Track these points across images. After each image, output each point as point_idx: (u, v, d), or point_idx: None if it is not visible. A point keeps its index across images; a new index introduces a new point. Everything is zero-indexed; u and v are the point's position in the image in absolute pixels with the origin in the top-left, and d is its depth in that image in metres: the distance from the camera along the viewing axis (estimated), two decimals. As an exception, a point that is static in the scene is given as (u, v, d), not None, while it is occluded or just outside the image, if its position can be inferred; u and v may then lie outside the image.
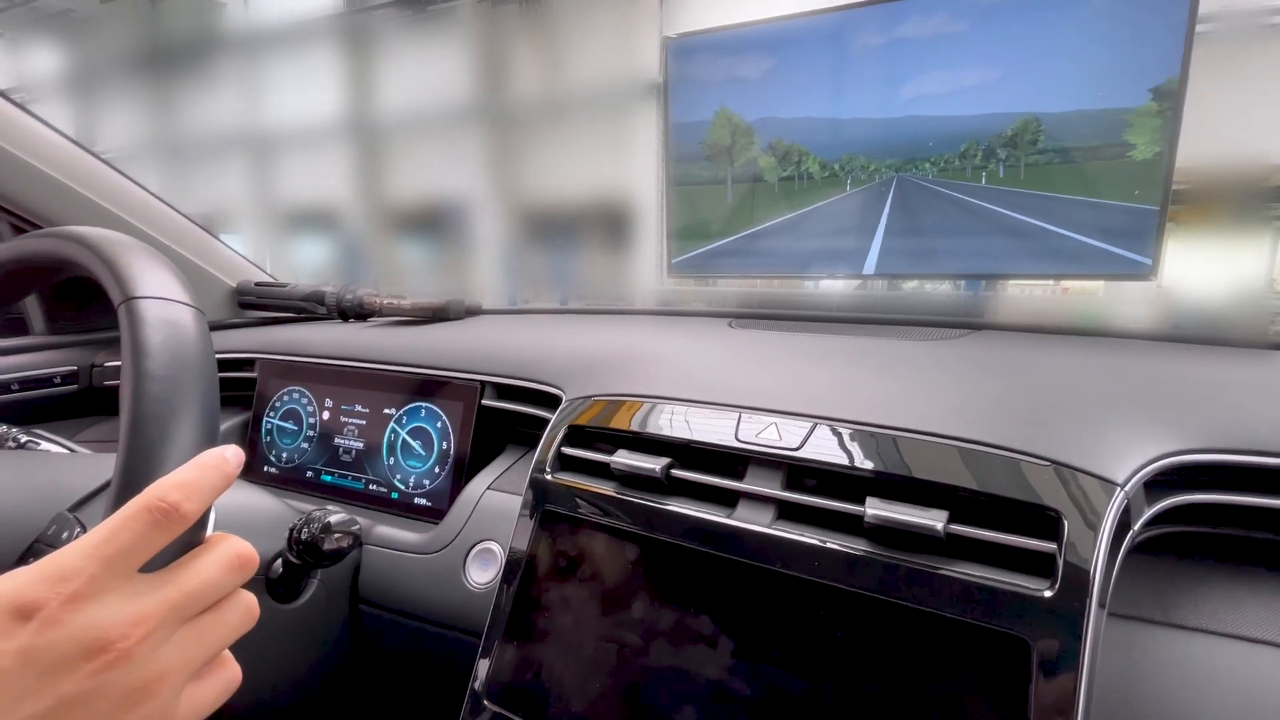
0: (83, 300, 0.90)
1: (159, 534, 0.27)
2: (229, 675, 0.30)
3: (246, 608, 0.30)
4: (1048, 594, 0.33)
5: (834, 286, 0.87)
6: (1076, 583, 0.32)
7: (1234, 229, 0.69)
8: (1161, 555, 0.40)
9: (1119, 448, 0.38)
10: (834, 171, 0.78)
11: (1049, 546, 0.34)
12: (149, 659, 0.26)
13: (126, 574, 0.26)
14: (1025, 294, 0.77)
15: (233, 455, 0.30)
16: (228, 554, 0.29)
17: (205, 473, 0.29)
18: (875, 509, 0.37)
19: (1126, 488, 0.36)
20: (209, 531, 0.30)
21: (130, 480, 0.29)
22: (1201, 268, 0.68)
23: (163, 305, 0.33)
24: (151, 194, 0.91)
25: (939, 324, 0.71)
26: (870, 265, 0.76)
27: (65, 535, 0.43)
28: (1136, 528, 0.36)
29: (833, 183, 0.78)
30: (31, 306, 0.88)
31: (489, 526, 0.57)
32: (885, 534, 0.38)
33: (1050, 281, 0.77)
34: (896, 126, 0.75)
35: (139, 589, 0.26)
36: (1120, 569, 0.35)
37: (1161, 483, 0.38)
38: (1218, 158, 0.68)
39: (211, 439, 0.32)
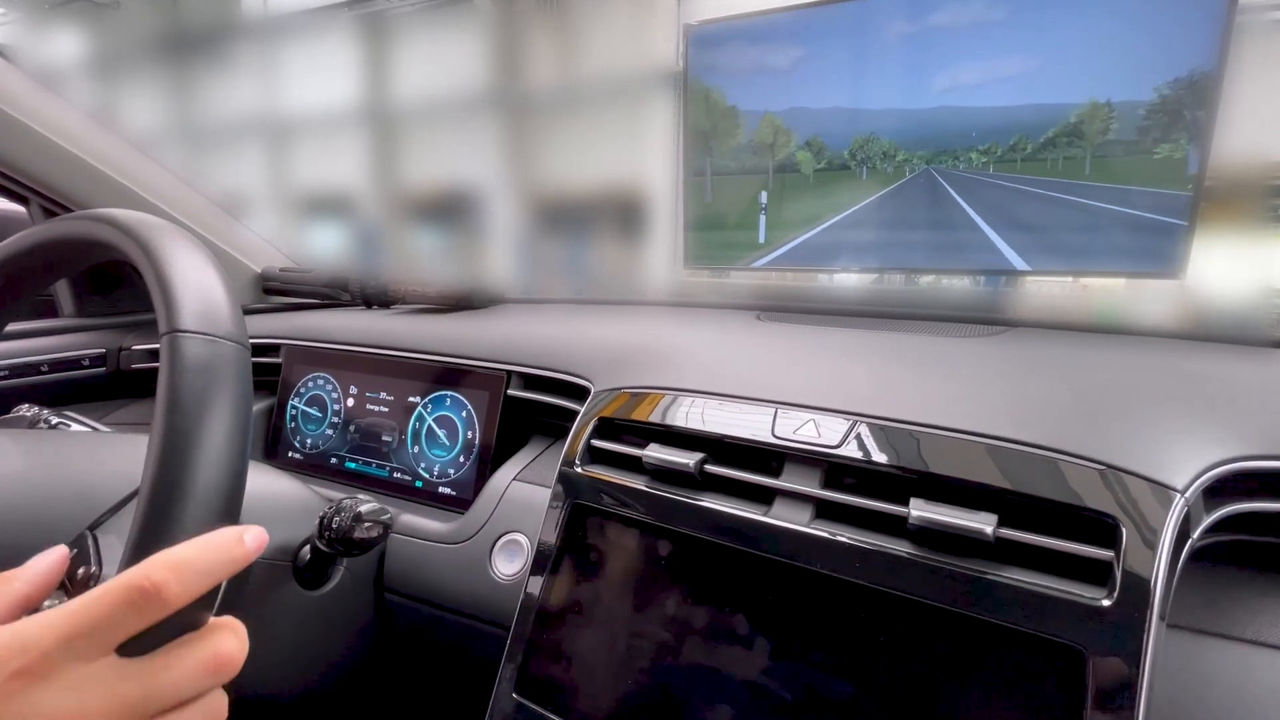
0: (112, 283, 0.91)
1: (134, 616, 0.24)
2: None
3: (214, 714, 0.26)
4: (1106, 603, 0.32)
5: (851, 280, 0.85)
6: (1137, 593, 0.31)
7: (1263, 224, 0.66)
8: (1213, 563, 0.39)
9: (1176, 452, 0.37)
10: (902, 162, 0.76)
11: (1106, 554, 0.33)
12: None
13: (87, 653, 0.23)
14: (1055, 291, 0.75)
15: (251, 540, 0.27)
16: (207, 652, 0.26)
17: (208, 554, 0.26)
18: (920, 510, 0.36)
19: (1187, 495, 0.34)
20: (214, 610, 0.28)
21: (142, 545, 0.27)
22: (1240, 265, 0.66)
23: (205, 345, 0.31)
24: (177, 177, 0.91)
25: (971, 320, 0.69)
26: (1016, 261, 0.72)
27: (80, 570, 0.40)
28: (1195, 536, 0.35)
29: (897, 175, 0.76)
30: (61, 289, 0.89)
31: (515, 518, 0.56)
32: (930, 536, 0.37)
33: (1071, 279, 0.74)
34: (936, 116, 0.73)
35: (91, 678, 0.23)
36: (1177, 578, 0.34)
37: (1218, 489, 0.37)
38: (1246, 152, 0.65)
39: (233, 506, 0.30)
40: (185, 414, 0.29)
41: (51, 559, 0.32)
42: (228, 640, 0.26)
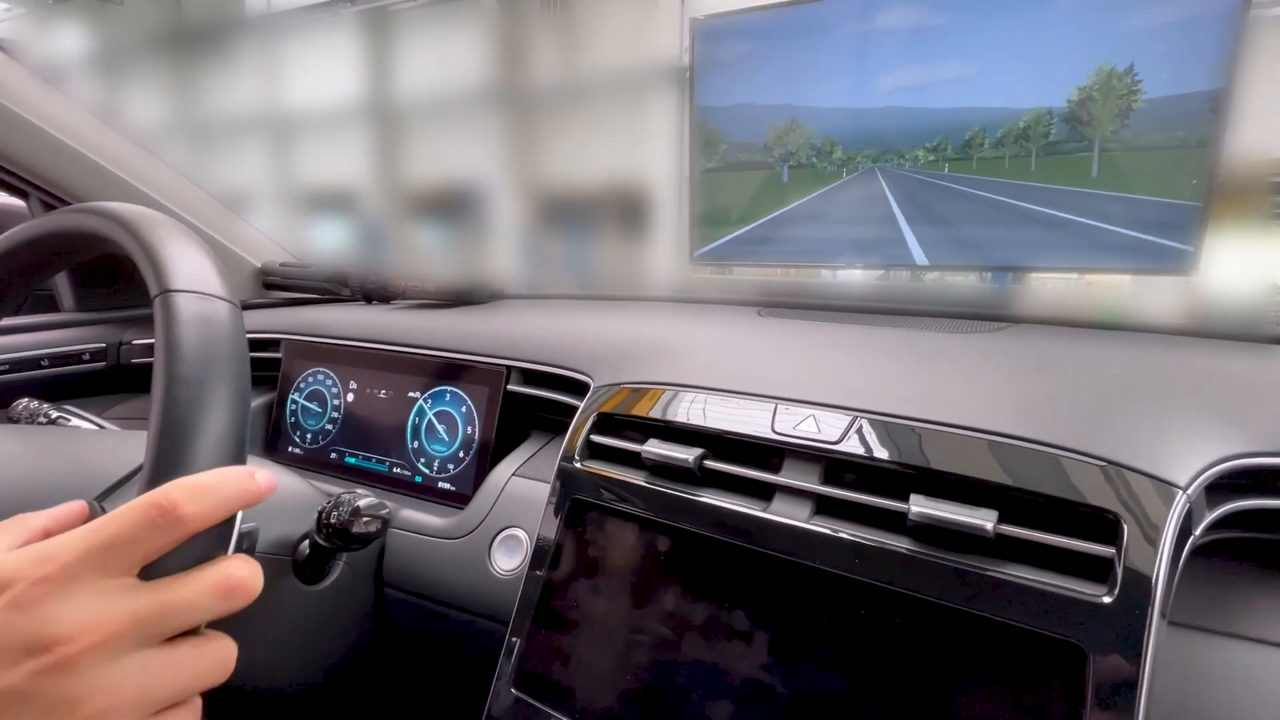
0: (112, 278, 0.91)
1: (154, 535, 0.25)
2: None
3: (223, 655, 0.27)
4: (1106, 600, 0.31)
5: (858, 276, 0.85)
6: (1138, 590, 0.31)
7: (1271, 221, 0.66)
8: (1215, 560, 0.39)
9: (1178, 448, 0.36)
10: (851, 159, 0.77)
11: (1107, 551, 0.32)
12: (94, 673, 0.23)
13: (108, 568, 0.24)
14: (1059, 287, 0.75)
15: (264, 479, 0.28)
16: (219, 575, 0.26)
17: (223, 481, 0.27)
18: (920, 506, 0.36)
19: (1189, 491, 0.34)
20: (229, 552, 0.28)
21: (154, 480, 0.28)
22: (1244, 262, 0.66)
23: (198, 301, 0.32)
24: (179, 172, 0.91)
25: (973, 316, 0.69)
26: (919, 256, 0.74)
27: None
28: (1197, 533, 0.35)
29: (852, 168, 0.77)
30: (61, 284, 0.89)
31: (515, 513, 0.56)
32: (930, 532, 0.36)
33: (1075, 275, 0.75)
34: (902, 116, 0.73)
35: (109, 591, 0.24)
36: (1179, 575, 0.34)
37: (1220, 486, 0.37)
38: (1247, 150, 0.65)
39: (240, 448, 0.31)
40: (186, 361, 0.30)
41: (72, 507, 0.33)
42: (240, 567, 0.27)
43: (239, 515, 0.28)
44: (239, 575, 0.27)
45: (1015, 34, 0.66)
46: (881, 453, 0.40)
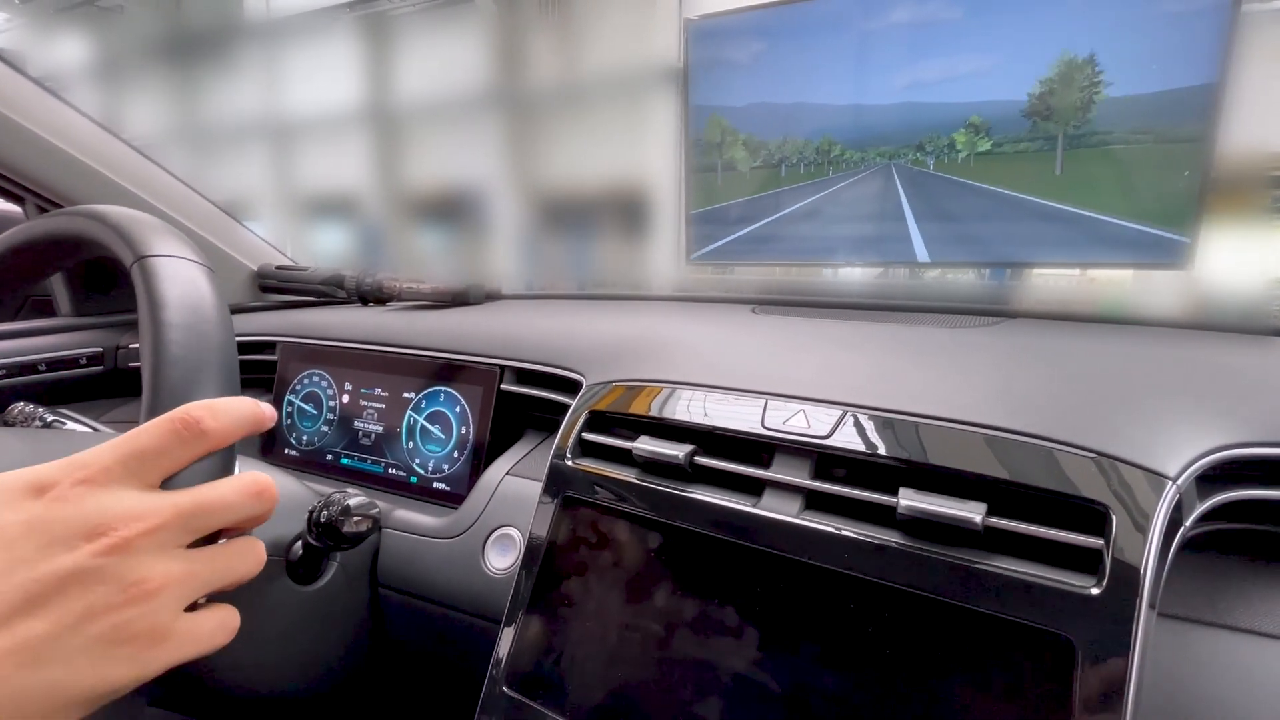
0: (108, 283, 0.91)
1: (180, 447, 0.27)
2: (229, 618, 0.29)
3: (255, 552, 0.30)
4: (1095, 591, 0.31)
5: (854, 273, 0.85)
6: (1126, 581, 0.31)
7: (1266, 214, 0.66)
8: (1207, 552, 0.38)
9: (1168, 439, 0.36)
10: (857, 156, 0.76)
11: (1096, 542, 0.32)
12: (148, 558, 0.25)
13: (140, 474, 0.26)
14: (1054, 282, 0.75)
15: (268, 409, 0.30)
16: (246, 479, 0.29)
17: (236, 404, 0.29)
18: (909, 500, 0.36)
19: (1179, 482, 0.34)
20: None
21: (154, 409, 0.30)
22: (1240, 254, 0.65)
23: (174, 262, 0.33)
24: (175, 177, 0.91)
25: (968, 312, 0.68)
26: (921, 253, 0.74)
27: None
28: (1188, 524, 0.34)
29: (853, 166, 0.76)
30: (58, 288, 0.89)
31: (508, 512, 0.56)
32: (919, 526, 0.36)
33: (1076, 270, 0.75)
34: (911, 110, 0.73)
35: (147, 492, 0.26)
36: (1169, 567, 0.33)
37: (1212, 477, 0.36)
38: (1246, 141, 0.64)
39: (234, 381, 0.32)
40: (171, 308, 0.31)
41: None
42: (261, 476, 0.29)
43: (236, 451, 0.30)
44: (264, 479, 0.29)
45: (1030, 26, 0.66)
46: (871, 447, 0.40)
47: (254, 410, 0.29)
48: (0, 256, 0.41)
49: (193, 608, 0.28)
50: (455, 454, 0.66)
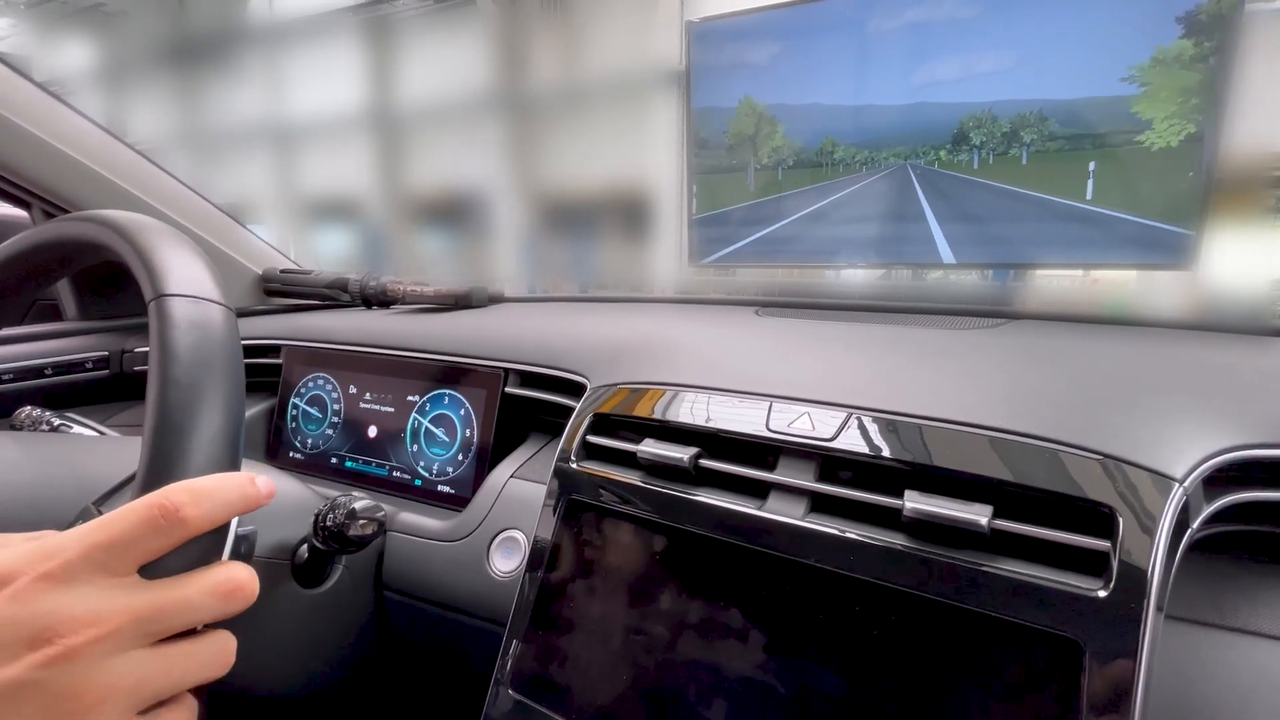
0: (114, 287, 0.92)
1: (154, 536, 0.25)
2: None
3: (222, 654, 0.27)
4: (1102, 594, 0.31)
5: (857, 274, 0.84)
6: (1133, 584, 0.31)
7: (1271, 214, 0.65)
8: (1215, 554, 0.38)
9: (1175, 441, 0.36)
10: (866, 158, 0.76)
11: (1103, 545, 0.32)
12: (93, 667, 0.23)
13: (109, 566, 0.25)
14: (1059, 284, 0.74)
15: (263, 484, 0.28)
16: (218, 578, 0.27)
17: (223, 485, 0.27)
18: (914, 502, 0.36)
19: (1185, 484, 0.34)
20: (224, 557, 0.29)
21: (149, 483, 0.28)
22: (1243, 255, 0.65)
23: (192, 305, 0.32)
24: (180, 181, 0.92)
25: (972, 313, 0.68)
26: (946, 254, 0.73)
27: None
28: (1195, 526, 0.34)
29: (866, 167, 0.76)
30: (64, 293, 0.89)
31: (513, 515, 0.56)
32: (925, 528, 0.36)
33: (1081, 271, 0.74)
34: (912, 113, 0.72)
35: (109, 589, 0.24)
36: (1176, 569, 0.33)
37: (1219, 479, 0.36)
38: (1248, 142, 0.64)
39: (234, 452, 0.31)
40: (180, 363, 0.30)
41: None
42: (240, 571, 0.28)
43: (234, 521, 0.29)
44: (239, 578, 0.27)
45: (1048, 25, 0.65)
46: (876, 449, 0.40)
47: (245, 491, 0.28)
48: (11, 259, 0.41)
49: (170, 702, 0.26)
50: (459, 457, 0.66)
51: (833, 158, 0.78)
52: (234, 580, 0.27)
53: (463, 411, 0.66)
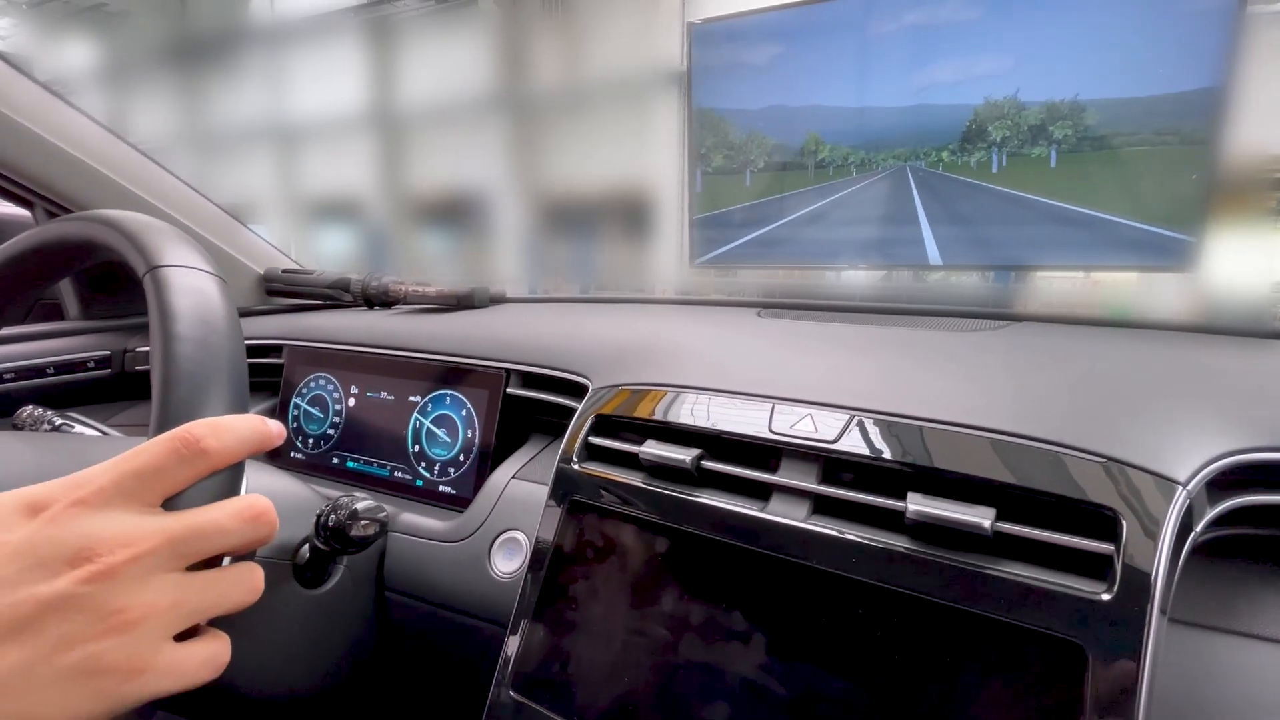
0: (116, 287, 0.92)
1: (180, 467, 0.26)
2: (218, 650, 0.28)
3: (251, 580, 0.29)
4: (1105, 597, 0.31)
5: (859, 276, 0.85)
6: (1137, 587, 0.31)
7: (1273, 217, 0.65)
8: (1218, 558, 0.38)
9: (1179, 444, 0.36)
10: (864, 159, 0.76)
11: (1106, 548, 0.32)
12: (132, 586, 0.24)
13: (137, 496, 0.26)
14: (1062, 286, 0.74)
15: (275, 427, 0.30)
16: (244, 503, 0.28)
17: (239, 422, 0.28)
18: (917, 505, 0.36)
19: (1189, 487, 0.34)
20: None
21: (163, 424, 0.29)
22: (1244, 258, 0.65)
23: (187, 273, 0.33)
24: (182, 181, 0.92)
25: (974, 315, 0.68)
26: (933, 255, 0.74)
27: None
28: (1198, 529, 0.34)
29: (865, 169, 0.76)
30: (66, 293, 0.89)
31: (514, 516, 0.56)
32: (928, 531, 0.36)
33: (1085, 273, 0.74)
34: (912, 114, 0.72)
35: (140, 514, 0.26)
36: (1179, 572, 0.33)
37: (1222, 482, 0.36)
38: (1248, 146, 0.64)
39: (242, 397, 0.32)
40: (183, 320, 0.31)
41: None
42: (261, 499, 0.29)
43: (245, 466, 0.30)
44: (261, 504, 0.28)
45: (1048, 26, 0.65)
46: (879, 451, 0.40)
47: (259, 428, 0.29)
48: (10, 261, 0.41)
49: (191, 633, 0.27)
50: (461, 457, 0.66)
51: (830, 160, 0.78)
52: (257, 505, 0.28)
53: (464, 412, 0.66)
